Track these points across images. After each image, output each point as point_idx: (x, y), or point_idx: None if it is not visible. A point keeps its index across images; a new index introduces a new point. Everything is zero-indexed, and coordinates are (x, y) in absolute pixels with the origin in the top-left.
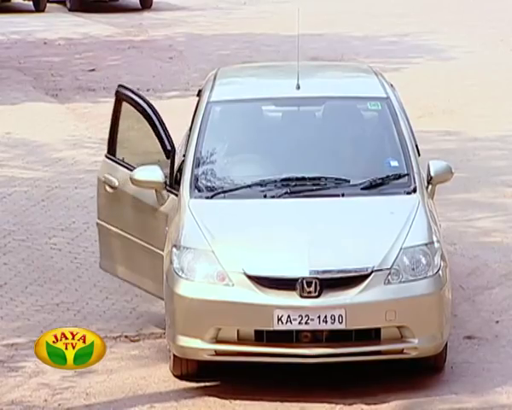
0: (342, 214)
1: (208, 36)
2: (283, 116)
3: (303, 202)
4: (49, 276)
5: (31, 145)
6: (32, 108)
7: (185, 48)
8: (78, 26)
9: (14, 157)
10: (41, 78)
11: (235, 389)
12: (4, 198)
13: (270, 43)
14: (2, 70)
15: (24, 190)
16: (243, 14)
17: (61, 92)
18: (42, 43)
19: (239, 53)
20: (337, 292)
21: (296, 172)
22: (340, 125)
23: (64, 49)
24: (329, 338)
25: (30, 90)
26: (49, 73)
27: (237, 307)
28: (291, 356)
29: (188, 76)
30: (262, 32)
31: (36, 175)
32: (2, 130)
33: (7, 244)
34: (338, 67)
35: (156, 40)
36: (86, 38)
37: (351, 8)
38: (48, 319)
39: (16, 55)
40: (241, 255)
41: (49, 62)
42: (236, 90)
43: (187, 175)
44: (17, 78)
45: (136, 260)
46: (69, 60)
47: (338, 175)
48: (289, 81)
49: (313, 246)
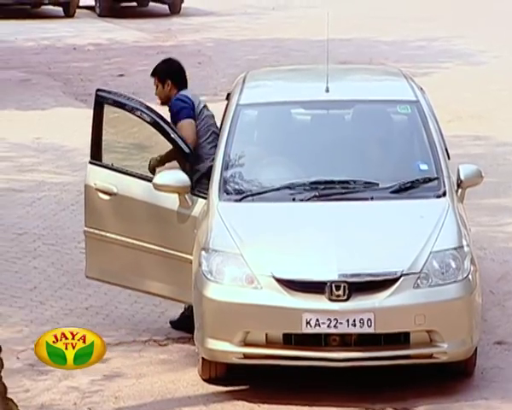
0: (371, 218)
1: (237, 41)
2: (312, 119)
3: (332, 206)
4: (79, 280)
5: (60, 150)
6: (61, 113)
7: (214, 53)
8: (107, 32)
9: (43, 162)
10: (70, 83)
11: (263, 392)
12: (34, 202)
13: (298, 48)
14: (33, 75)
15: (53, 194)
16: (271, 20)
17: (90, 97)
18: (71, 49)
19: (267, 58)
20: (366, 296)
21: (325, 175)
22: (370, 128)
23: (93, 55)
24: (358, 342)
25: (59, 96)
26: (78, 78)
27: (266, 311)
28: (319, 360)
29: (216, 81)
30: (290, 36)
31: (65, 180)
32: (32, 135)
33: (37, 248)
34: (367, 70)
35: (185, 45)
36: (115, 44)
37: (379, 13)
38: (77, 322)
39: (46, 61)
40: (269, 258)
41: (78, 68)
42: (265, 93)
43: (216, 178)
44: (47, 83)
45: (147, 265)
46: (98, 65)
47: (367, 178)
48: (318, 84)
49: (342, 249)
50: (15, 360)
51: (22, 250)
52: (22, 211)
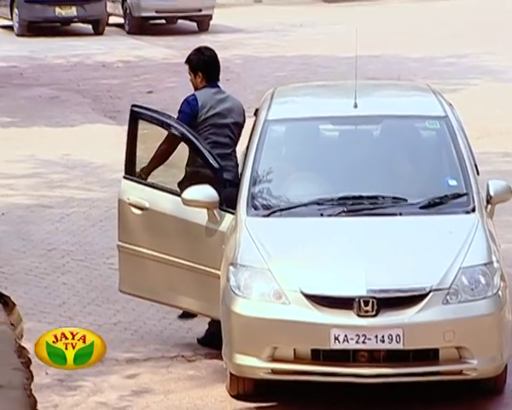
0: (400, 233)
1: (265, 58)
2: (340, 135)
3: (360, 221)
4: (107, 296)
5: (89, 166)
6: (90, 129)
7: (242, 70)
8: (135, 49)
9: (72, 178)
10: (99, 100)
11: (291, 408)
12: (63, 218)
13: (326, 65)
14: (62, 92)
15: (82, 210)
16: (299, 36)
17: (119, 114)
18: (100, 66)
19: (295, 75)
20: (395, 311)
21: (353, 190)
22: (398, 143)
23: (122, 72)
24: (387, 358)
25: (88, 112)
26: (107, 95)
27: (294, 326)
28: (348, 376)
29: (244, 97)
30: (318, 53)
31: (94, 196)
32: (62, 151)
33: (65, 264)
34: (395, 85)
35: None
36: (144, 61)
37: (406, 30)
38: (106, 338)
39: (75, 78)
40: (297, 274)
41: (107, 85)
42: (293, 108)
43: (244, 193)
44: (76, 100)
45: (177, 280)
46: (127, 82)
47: (395, 194)
48: (346, 100)
49: (370, 265)
50: (44, 375)
51: (51, 266)
52: (51, 227)
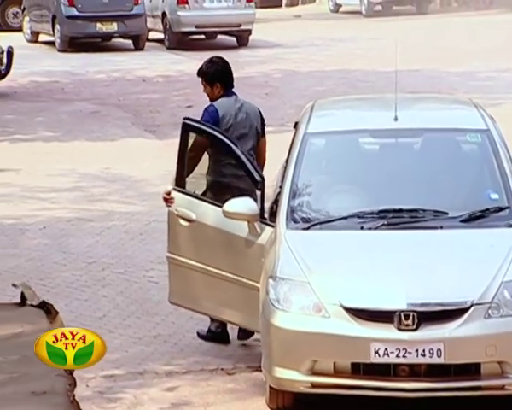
0: (441, 247)
1: (304, 72)
2: (381, 148)
3: (400, 234)
4: (147, 308)
5: (129, 180)
6: (130, 143)
7: (281, 84)
8: (175, 64)
9: (112, 192)
10: (139, 114)
11: None
12: (103, 232)
13: (365, 79)
14: (103, 107)
15: (122, 223)
16: (339, 51)
17: (158, 128)
18: (141, 81)
19: (334, 89)
20: (436, 325)
21: (394, 203)
22: (439, 156)
23: (162, 87)
24: (427, 372)
25: (129, 127)
26: (147, 109)
27: (334, 340)
28: (388, 390)
29: (283, 112)
30: (357, 68)
31: (134, 209)
32: (102, 165)
33: (106, 277)
34: (436, 98)
35: (252, 77)
36: (183, 76)
37: (446, 44)
38: (145, 351)
39: (116, 93)
40: (337, 287)
41: (147, 99)
42: (333, 121)
43: (283, 206)
44: (116, 114)
45: (221, 292)
46: (167, 97)
47: (436, 207)
48: (387, 113)
49: (411, 278)
50: (85, 387)
51: (91, 279)
52: (92, 240)
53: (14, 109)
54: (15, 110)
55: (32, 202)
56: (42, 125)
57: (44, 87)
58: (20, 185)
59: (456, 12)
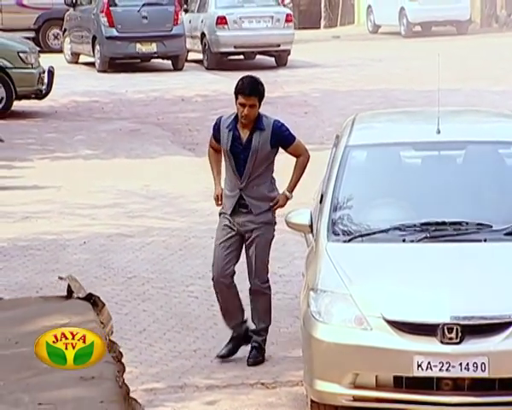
0: (484, 260)
1: (343, 91)
2: (423, 160)
3: (443, 247)
4: (187, 323)
5: (168, 197)
6: (169, 161)
7: (320, 103)
8: (214, 84)
9: (152, 208)
10: (179, 132)
11: None
12: (143, 247)
13: (405, 98)
14: (142, 125)
15: (162, 239)
16: (378, 71)
17: (197, 146)
18: (179, 100)
19: (374, 107)
20: (479, 339)
21: (436, 216)
22: (482, 169)
23: (200, 106)
24: (471, 386)
25: (168, 145)
26: (186, 128)
27: (376, 353)
28: (431, 404)
29: (322, 130)
30: (397, 87)
31: (173, 225)
32: (141, 182)
33: (146, 292)
34: (479, 112)
35: (291, 96)
36: (222, 95)
37: (486, 64)
38: (185, 364)
39: (155, 112)
40: (379, 299)
41: (186, 118)
42: (375, 134)
43: (324, 219)
44: (156, 133)
45: None
46: (205, 115)
47: (480, 220)
48: (429, 126)
49: (454, 291)
50: None
51: (132, 293)
52: (132, 255)
53: (54, 128)
54: (56, 129)
55: (73, 218)
56: (82, 143)
57: (84, 106)
58: (60, 202)
59: (497, 33)
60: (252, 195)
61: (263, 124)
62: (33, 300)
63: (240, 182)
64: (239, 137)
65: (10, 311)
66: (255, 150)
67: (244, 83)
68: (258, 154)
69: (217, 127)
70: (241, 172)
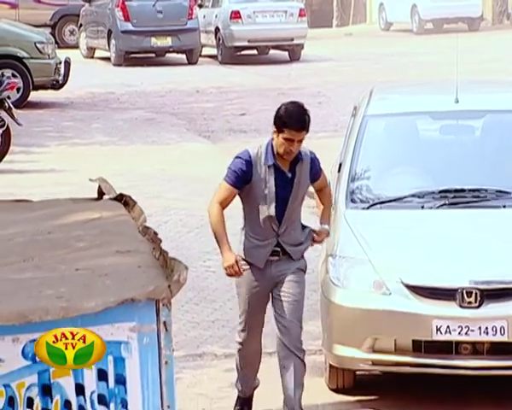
0: (503, 226)
1: (355, 83)
2: (441, 129)
3: (462, 213)
4: (205, 295)
5: (184, 179)
6: (185, 147)
7: (333, 94)
8: (228, 76)
9: (169, 190)
10: (194, 121)
11: (392, 401)
12: (160, 226)
13: None
14: (158, 115)
15: (179, 218)
16: (391, 64)
17: (213, 134)
18: (194, 92)
19: None
20: (498, 303)
21: (455, 183)
22: (501, 137)
23: (215, 97)
24: (490, 350)
25: (184, 132)
26: (201, 117)
27: (395, 317)
28: (450, 368)
29: (336, 119)
30: (410, 78)
31: (190, 205)
32: (158, 166)
33: None
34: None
35: (305, 88)
36: (236, 86)
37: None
38: (203, 334)
39: (170, 102)
40: (398, 264)
41: (201, 108)
42: (393, 104)
43: (343, 187)
44: (171, 121)
45: None
46: (221, 106)
47: (499, 187)
48: (447, 96)
49: (473, 256)
50: None
51: None
52: None
53: (71, 117)
54: (73, 118)
55: None
56: (98, 131)
57: (100, 97)
58: (78, 184)
59: (509, 29)
60: (290, 241)
61: (301, 153)
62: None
63: (278, 227)
64: (283, 173)
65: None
66: (298, 185)
67: (293, 115)
68: (300, 189)
69: (249, 165)
70: (279, 215)
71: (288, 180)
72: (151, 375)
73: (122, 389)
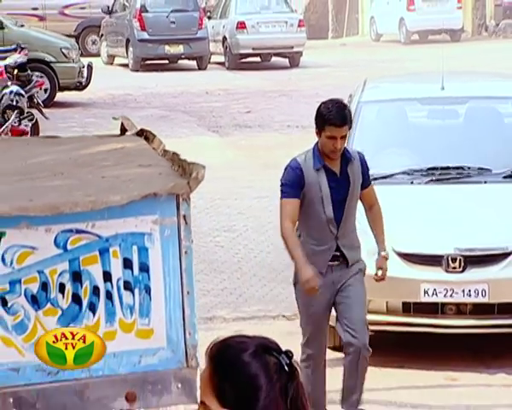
0: (484, 199)
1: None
2: (428, 114)
3: (448, 188)
4: (214, 267)
5: None
6: (195, 140)
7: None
8: (234, 80)
9: None
10: (204, 118)
11: (384, 358)
12: None
13: None
14: (171, 112)
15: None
16: (382, 69)
17: (221, 129)
18: (204, 93)
19: None
20: (480, 268)
21: (441, 162)
22: (483, 120)
23: (223, 97)
24: (473, 311)
25: (194, 127)
26: (210, 114)
27: (387, 281)
28: (436, 327)
29: None
30: None
31: (200, 189)
32: None
33: None
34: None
35: (304, 89)
36: (242, 88)
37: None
38: (214, 301)
39: (182, 102)
40: (390, 234)
41: (210, 107)
42: (384, 91)
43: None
44: (183, 118)
45: None
46: (228, 105)
47: (481, 165)
48: (434, 84)
49: (457, 226)
50: None
51: None
52: None
53: (93, 114)
54: (95, 115)
55: None
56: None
57: (119, 98)
58: None
59: (487, 40)
60: (347, 243)
61: (349, 152)
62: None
63: (336, 229)
64: (334, 174)
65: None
66: (353, 184)
67: (332, 111)
68: (355, 188)
69: (299, 171)
70: (337, 218)
71: (340, 181)
72: (172, 264)
73: (146, 276)
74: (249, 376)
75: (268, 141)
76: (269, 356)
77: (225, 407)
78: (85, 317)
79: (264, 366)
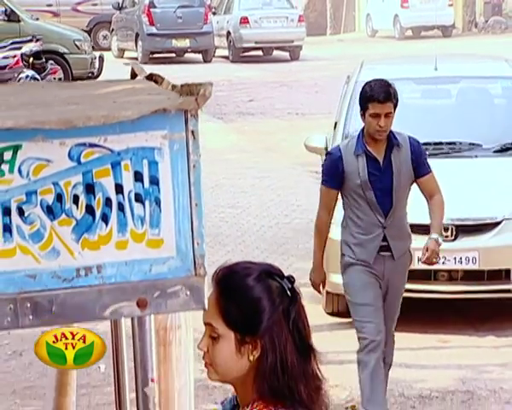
0: (475, 172)
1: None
2: (422, 93)
3: (440, 162)
4: (219, 240)
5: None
6: (201, 126)
7: (328, 85)
8: (237, 72)
9: None
10: (209, 106)
11: None
12: None
13: None
14: None
15: None
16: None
17: (225, 116)
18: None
19: None
20: (471, 237)
21: (434, 137)
22: (474, 98)
23: (226, 88)
24: (464, 277)
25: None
26: (215, 103)
27: None
28: (430, 292)
29: (331, 104)
30: None
31: (206, 170)
32: None
33: None
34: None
35: (303, 80)
36: (244, 79)
37: None
38: None
39: None
40: None
41: (215, 96)
42: (381, 72)
43: (337, 141)
44: None
45: None
46: (231, 94)
47: (472, 140)
48: (427, 65)
49: (450, 198)
50: None
51: None
52: None
53: None
54: None
55: None
56: None
57: None
58: None
59: (476, 36)
60: (395, 233)
61: (397, 138)
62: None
63: (384, 218)
64: (376, 161)
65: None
66: (398, 172)
67: (374, 88)
68: (401, 176)
69: (338, 159)
70: (384, 206)
71: (382, 169)
72: (181, 177)
73: (156, 189)
74: (253, 299)
75: (269, 126)
76: (272, 281)
77: (230, 327)
78: (98, 227)
79: (268, 289)
